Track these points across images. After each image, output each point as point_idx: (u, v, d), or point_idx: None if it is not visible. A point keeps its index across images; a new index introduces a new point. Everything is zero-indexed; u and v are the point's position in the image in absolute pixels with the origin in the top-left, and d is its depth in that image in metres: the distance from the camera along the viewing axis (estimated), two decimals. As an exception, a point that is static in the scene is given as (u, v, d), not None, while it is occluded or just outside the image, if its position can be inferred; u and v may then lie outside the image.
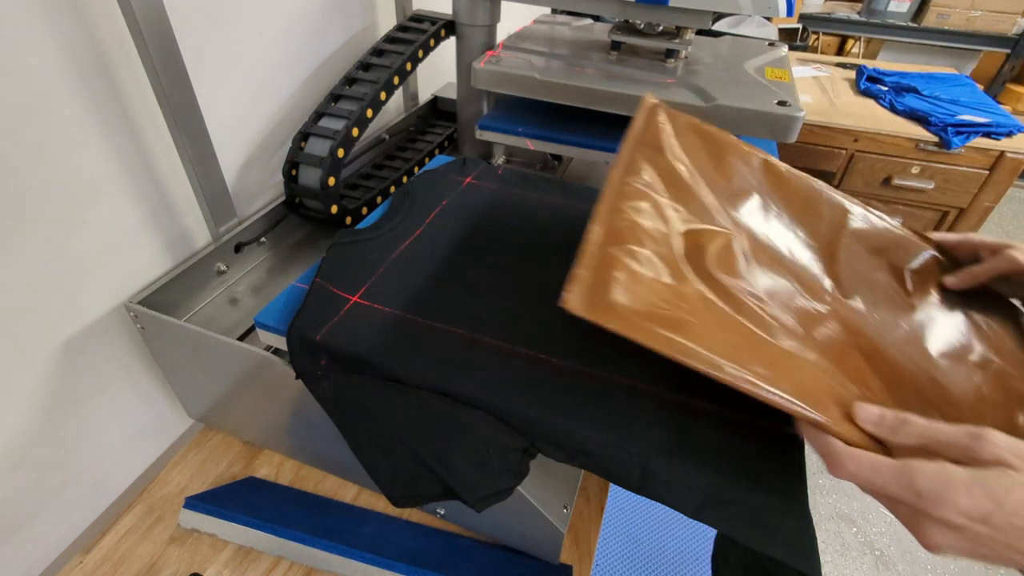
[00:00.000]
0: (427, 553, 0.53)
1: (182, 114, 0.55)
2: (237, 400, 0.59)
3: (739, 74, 0.78)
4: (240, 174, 0.70)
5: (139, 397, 0.62)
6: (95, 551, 0.53)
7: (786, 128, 0.68)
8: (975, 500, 0.25)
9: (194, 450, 0.63)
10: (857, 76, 1.61)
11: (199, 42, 0.58)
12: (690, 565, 1.25)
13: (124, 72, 0.52)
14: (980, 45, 2.59)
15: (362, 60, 0.74)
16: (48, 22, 0.45)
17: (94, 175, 0.52)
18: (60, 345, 0.52)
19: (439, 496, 0.42)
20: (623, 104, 0.72)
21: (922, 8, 2.63)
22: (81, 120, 0.50)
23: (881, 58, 2.80)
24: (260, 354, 0.50)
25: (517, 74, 0.75)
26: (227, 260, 0.65)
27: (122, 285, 0.57)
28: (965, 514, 0.25)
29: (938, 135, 1.34)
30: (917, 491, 0.26)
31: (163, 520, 0.56)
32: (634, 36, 0.81)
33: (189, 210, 0.63)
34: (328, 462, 0.60)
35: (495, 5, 0.79)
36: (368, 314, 0.48)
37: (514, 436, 0.41)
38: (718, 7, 0.68)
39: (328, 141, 0.65)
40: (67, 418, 0.55)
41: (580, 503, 0.58)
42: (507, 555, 0.54)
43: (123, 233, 0.56)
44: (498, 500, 0.41)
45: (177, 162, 0.58)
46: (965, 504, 0.25)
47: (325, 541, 0.53)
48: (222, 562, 0.53)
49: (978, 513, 0.25)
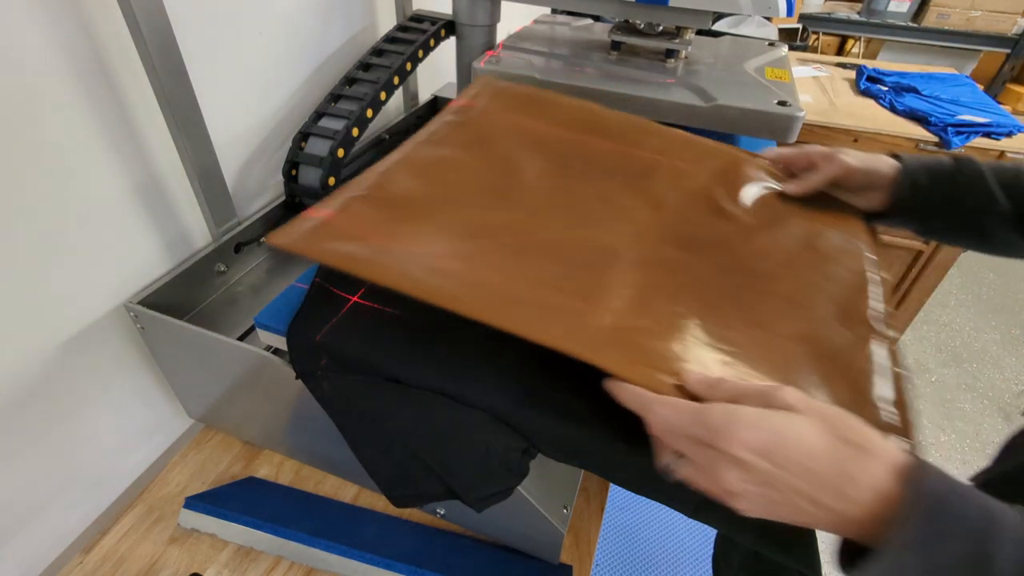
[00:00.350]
0: (427, 553, 0.53)
1: (182, 114, 0.55)
2: (237, 400, 0.59)
3: (739, 74, 0.78)
4: (240, 174, 0.70)
5: (139, 397, 0.62)
6: (95, 551, 0.53)
7: (786, 128, 0.68)
8: (758, 432, 0.27)
9: (194, 450, 0.63)
10: (857, 76, 1.61)
11: (199, 42, 0.58)
12: (690, 565, 1.25)
13: (124, 72, 0.52)
14: (980, 45, 2.60)
15: (362, 60, 0.74)
16: (48, 22, 0.45)
17: (94, 175, 0.52)
18: (60, 345, 0.52)
19: (439, 496, 0.42)
20: (623, 104, 0.72)
21: (922, 8, 2.63)
22: (81, 120, 0.50)
23: (881, 58, 2.80)
24: (260, 354, 0.50)
25: (517, 74, 0.75)
26: (227, 260, 0.65)
27: (122, 285, 0.57)
28: (749, 446, 0.27)
29: (938, 135, 1.34)
30: (708, 425, 0.28)
31: (163, 520, 0.56)
32: (634, 36, 0.81)
33: (189, 210, 0.63)
34: (328, 462, 0.60)
35: (495, 5, 0.79)
36: (368, 314, 0.48)
37: (514, 436, 0.41)
38: (718, 7, 0.68)
39: (328, 141, 0.65)
40: (67, 418, 0.55)
41: (580, 503, 0.58)
42: (507, 555, 0.54)
43: (123, 233, 0.56)
44: (498, 500, 0.42)
45: (177, 162, 0.58)
46: (747, 436, 0.27)
47: (325, 541, 0.53)
48: (222, 562, 0.53)
49: (759, 444, 0.27)
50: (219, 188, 0.62)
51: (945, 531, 0.24)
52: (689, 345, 0.37)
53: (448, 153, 0.54)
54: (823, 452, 0.27)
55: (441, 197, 0.48)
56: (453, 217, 0.46)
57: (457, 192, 0.49)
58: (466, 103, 0.61)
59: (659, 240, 0.47)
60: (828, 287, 0.44)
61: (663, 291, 0.42)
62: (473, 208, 0.48)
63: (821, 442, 0.27)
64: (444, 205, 0.47)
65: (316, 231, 0.42)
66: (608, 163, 0.56)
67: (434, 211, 0.46)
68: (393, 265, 0.40)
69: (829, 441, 0.27)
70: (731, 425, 0.28)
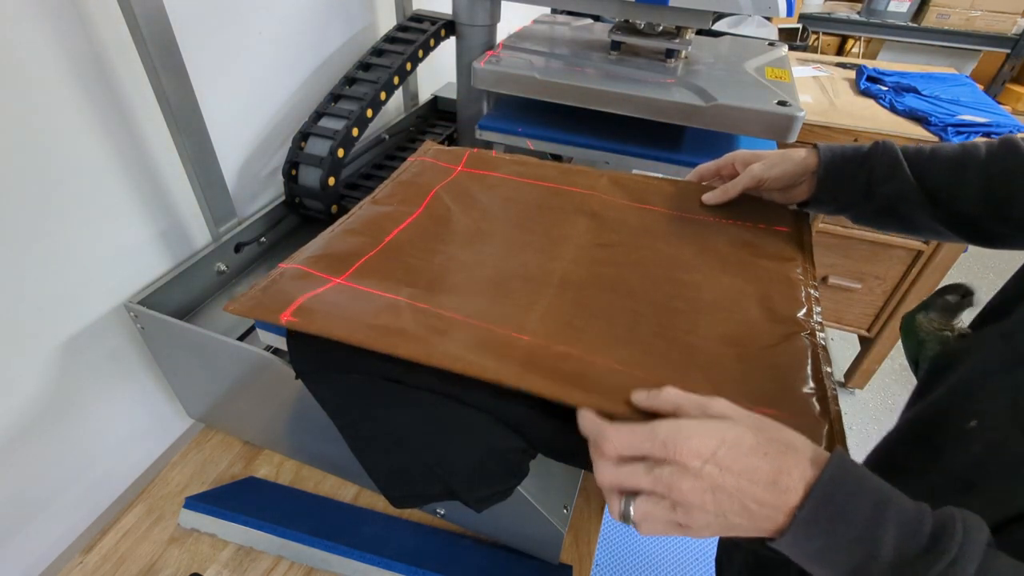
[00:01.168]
0: (427, 553, 0.53)
1: (182, 114, 0.55)
2: (237, 400, 0.59)
3: (739, 74, 0.78)
4: (240, 174, 0.70)
5: (139, 397, 0.62)
6: (95, 551, 0.53)
7: (786, 128, 0.68)
8: (703, 439, 0.30)
9: (194, 450, 0.63)
10: (857, 76, 1.61)
11: (199, 42, 0.58)
12: (690, 565, 1.25)
13: (124, 72, 0.52)
14: (980, 45, 2.60)
15: (362, 60, 0.74)
16: (48, 22, 0.45)
17: (94, 175, 0.52)
18: (60, 345, 0.52)
19: (439, 496, 0.42)
20: (623, 104, 0.72)
21: (922, 8, 2.63)
22: (81, 120, 0.50)
23: (881, 58, 2.80)
24: (260, 354, 0.50)
25: (517, 74, 0.75)
26: (227, 260, 0.65)
27: (122, 285, 0.57)
28: (698, 454, 0.29)
29: (938, 135, 1.34)
30: (661, 440, 0.30)
31: (163, 520, 0.56)
32: (634, 36, 0.81)
33: (189, 210, 0.63)
34: (328, 462, 0.60)
35: (495, 5, 0.79)
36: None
37: (514, 436, 0.41)
38: (718, 7, 0.68)
39: (328, 141, 0.65)
40: (67, 418, 0.55)
41: (580, 503, 0.58)
42: (507, 555, 0.54)
43: (123, 233, 0.56)
44: (498, 500, 0.41)
45: (177, 162, 0.58)
46: (696, 444, 0.29)
47: (325, 541, 0.53)
48: (222, 562, 0.53)
49: (707, 450, 0.29)
50: (219, 188, 0.62)
51: (836, 515, 0.27)
52: (622, 359, 0.41)
53: (390, 210, 0.56)
54: (760, 450, 0.29)
55: (391, 248, 0.51)
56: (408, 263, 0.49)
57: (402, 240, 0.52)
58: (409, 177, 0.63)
59: (592, 262, 0.50)
60: (752, 290, 0.47)
61: (593, 309, 0.45)
62: (417, 254, 0.51)
63: (756, 442, 0.30)
64: (397, 254, 0.51)
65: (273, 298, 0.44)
66: (549, 201, 0.59)
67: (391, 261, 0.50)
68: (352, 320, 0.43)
69: (762, 441, 0.30)
70: (679, 435, 0.30)
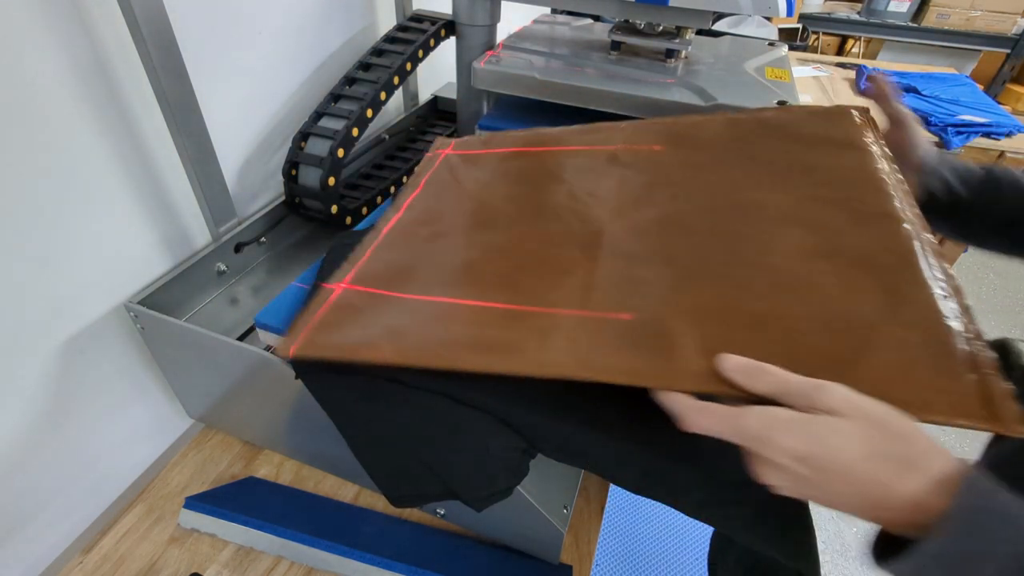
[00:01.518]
0: (427, 553, 0.53)
1: (182, 114, 0.55)
2: (237, 400, 0.59)
3: (739, 74, 0.78)
4: (240, 174, 0.70)
5: (139, 397, 0.62)
6: (95, 551, 0.53)
7: (786, 128, 0.68)
8: (795, 440, 0.27)
9: (194, 450, 0.63)
10: (857, 76, 1.61)
11: (199, 42, 0.58)
12: (690, 565, 1.25)
13: (124, 72, 0.52)
14: (980, 45, 2.60)
15: (362, 60, 0.74)
16: (47, 22, 0.45)
17: (94, 175, 0.52)
18: (60, 345, 0.52)
19: (439, 496, 0.42)
20: (623, 104, 0.72)
21: (922, 8, 2.63)
22: (81, 120, 0.50)
23: (881, 58, 2.80)
24: (260, 354, 0.50)
25: (517, 74, 0.75)
26: (227, 260, 0.65)
27: (122, 285, 0.57)
28: (787, 454, 0.27)
29: (938, 135, 1.34)
30: (744, 433, 0.28)
31: (163, 520, 0.56)
32: (634, 36, 0.81)
33: (189, 210, 0.63)
34: (328, 462, 0.60)
35: (495, 5, 0.79)
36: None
37: (514, 436, 0.41)
38: (718, 7, 0.68)
39: (328, 141, 0.65)
40: (67, 418, 0.55)
41: (580, 503, 0.58)
42: (507, 555, 0.54)
43: (123, 233, 0.56)
44: (498, 500, 0.41)
45: (177, 162, 0.58)
46: (786, 444, 0.27)
47: (325, 541, 0.53)
48: (222, 562, 0.53)
49: (797, 453, 0.27)
50: (219, 188, 0.62)
51: (974, 555, 0.24)
52: (710, 320, 0.35)
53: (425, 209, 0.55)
54: (863, 464, 0.26)
55: (426, 251, 0.49)
56: (443, 262, 0.47)
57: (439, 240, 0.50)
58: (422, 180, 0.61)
59: (637, 210, 0.45)
60: (826, 193, 0.40)
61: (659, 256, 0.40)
62: (457, 250, 0.48)
63: (862, 452, 0.26)
64: (433, 254, 0.48)
65: None
66: (572, 164, 0.55)
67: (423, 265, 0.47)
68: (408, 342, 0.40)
69: (870, 452, 0.26)
70: (766, 433, 0.28)
